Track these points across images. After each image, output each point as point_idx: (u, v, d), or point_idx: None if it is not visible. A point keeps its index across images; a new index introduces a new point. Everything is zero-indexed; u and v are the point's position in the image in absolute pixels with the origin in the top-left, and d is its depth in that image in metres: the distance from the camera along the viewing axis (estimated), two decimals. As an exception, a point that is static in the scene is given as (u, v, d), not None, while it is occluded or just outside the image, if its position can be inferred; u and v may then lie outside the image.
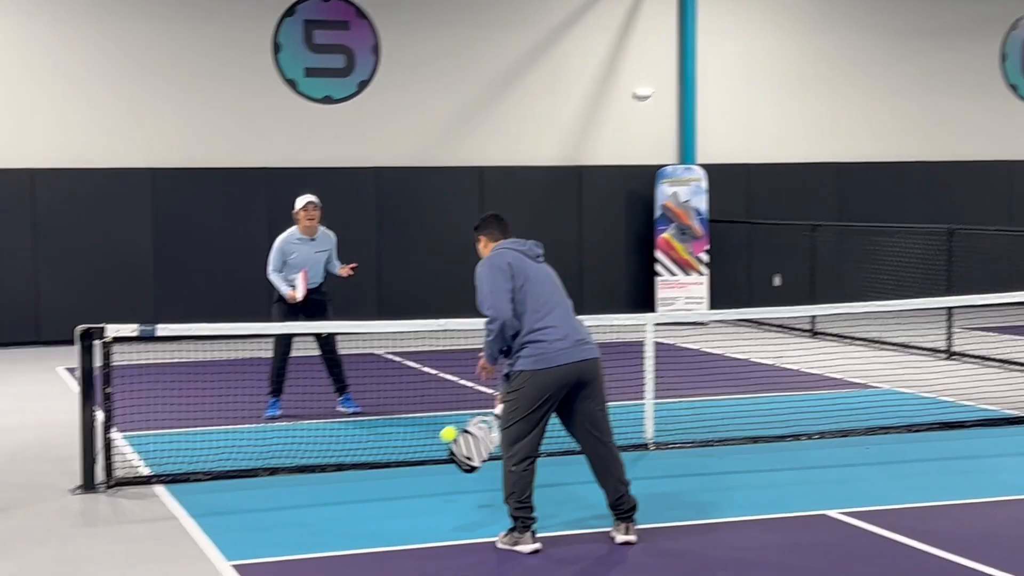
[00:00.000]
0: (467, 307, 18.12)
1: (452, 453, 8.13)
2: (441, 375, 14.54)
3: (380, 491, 9.42)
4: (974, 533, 8.13)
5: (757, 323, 19.00)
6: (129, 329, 9.60)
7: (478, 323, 10.09)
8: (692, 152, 20.83)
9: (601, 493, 7.99)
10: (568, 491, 9.10)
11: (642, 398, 10.81)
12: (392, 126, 19.69)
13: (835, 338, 17.66)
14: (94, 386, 9.56)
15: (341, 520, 8.66)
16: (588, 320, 8.62)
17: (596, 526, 8.21)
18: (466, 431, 8.10)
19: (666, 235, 20.12)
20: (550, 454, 9.70)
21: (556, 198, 20.33)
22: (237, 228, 18.65)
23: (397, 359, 15.91)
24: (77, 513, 8.95)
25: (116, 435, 11.12)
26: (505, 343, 7.87)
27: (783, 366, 14.89)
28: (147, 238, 18.51)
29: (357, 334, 14.38)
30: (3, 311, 17.90)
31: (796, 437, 11.04)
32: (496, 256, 7.98)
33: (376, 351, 16.26)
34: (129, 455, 10.49)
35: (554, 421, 7.96)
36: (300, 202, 12.24)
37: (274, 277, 12.16)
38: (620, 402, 11.71)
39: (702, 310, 19.74)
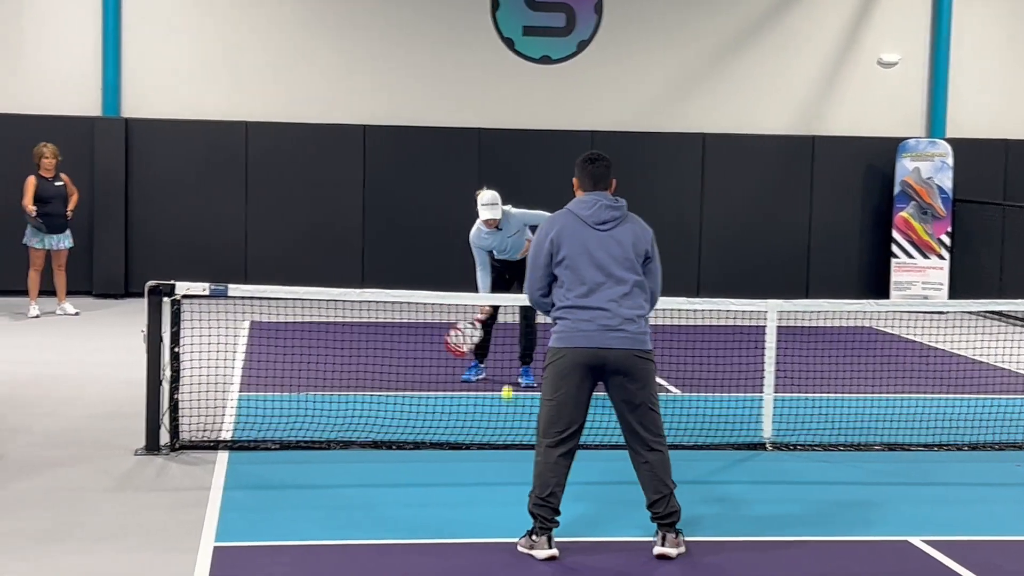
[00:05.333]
0: (684, 280, 17.30)
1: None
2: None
3: (445, 475, 8.72)
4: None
5: (1002, 316, 17.21)
6: (200, 288, 9.22)
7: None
8: (942, 124, 19.12)
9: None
10: (624, 491, 8.12)
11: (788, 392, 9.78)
12: (611, 88, 18.81)
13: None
14: (163, 345, 9.18)
15: (377, 504, 8.00)
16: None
17: (642, 535, 7.26)
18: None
19: (905, 214, 18.55)
20: (599, 446, 8.89)
21: (785, 170, 19.00)
22: (445, 189, 18.13)
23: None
24: (118, 476, 8.60)
25: (234, 394, 10.96)
26: (547, 312, 7.34)
27: (996, 365, 13.32)
28: (357, 194, 18.28)
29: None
30: (213, 260, 17.84)
31: (942, 447, 9.71)
32: (547, 226, 7.30)
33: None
34: (223, 417, 10.13)
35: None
36: (483, 212, 11.55)
37: (480, 276, 11.70)
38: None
39: (941, 297, 18.15)
